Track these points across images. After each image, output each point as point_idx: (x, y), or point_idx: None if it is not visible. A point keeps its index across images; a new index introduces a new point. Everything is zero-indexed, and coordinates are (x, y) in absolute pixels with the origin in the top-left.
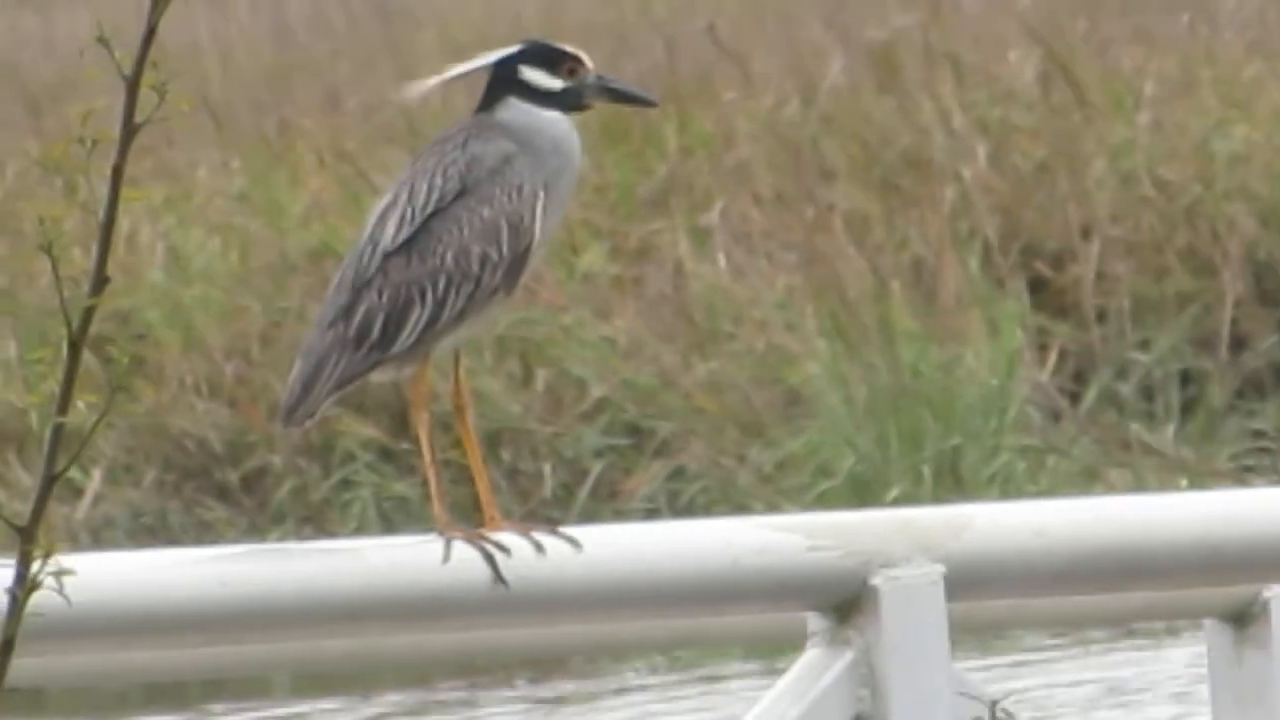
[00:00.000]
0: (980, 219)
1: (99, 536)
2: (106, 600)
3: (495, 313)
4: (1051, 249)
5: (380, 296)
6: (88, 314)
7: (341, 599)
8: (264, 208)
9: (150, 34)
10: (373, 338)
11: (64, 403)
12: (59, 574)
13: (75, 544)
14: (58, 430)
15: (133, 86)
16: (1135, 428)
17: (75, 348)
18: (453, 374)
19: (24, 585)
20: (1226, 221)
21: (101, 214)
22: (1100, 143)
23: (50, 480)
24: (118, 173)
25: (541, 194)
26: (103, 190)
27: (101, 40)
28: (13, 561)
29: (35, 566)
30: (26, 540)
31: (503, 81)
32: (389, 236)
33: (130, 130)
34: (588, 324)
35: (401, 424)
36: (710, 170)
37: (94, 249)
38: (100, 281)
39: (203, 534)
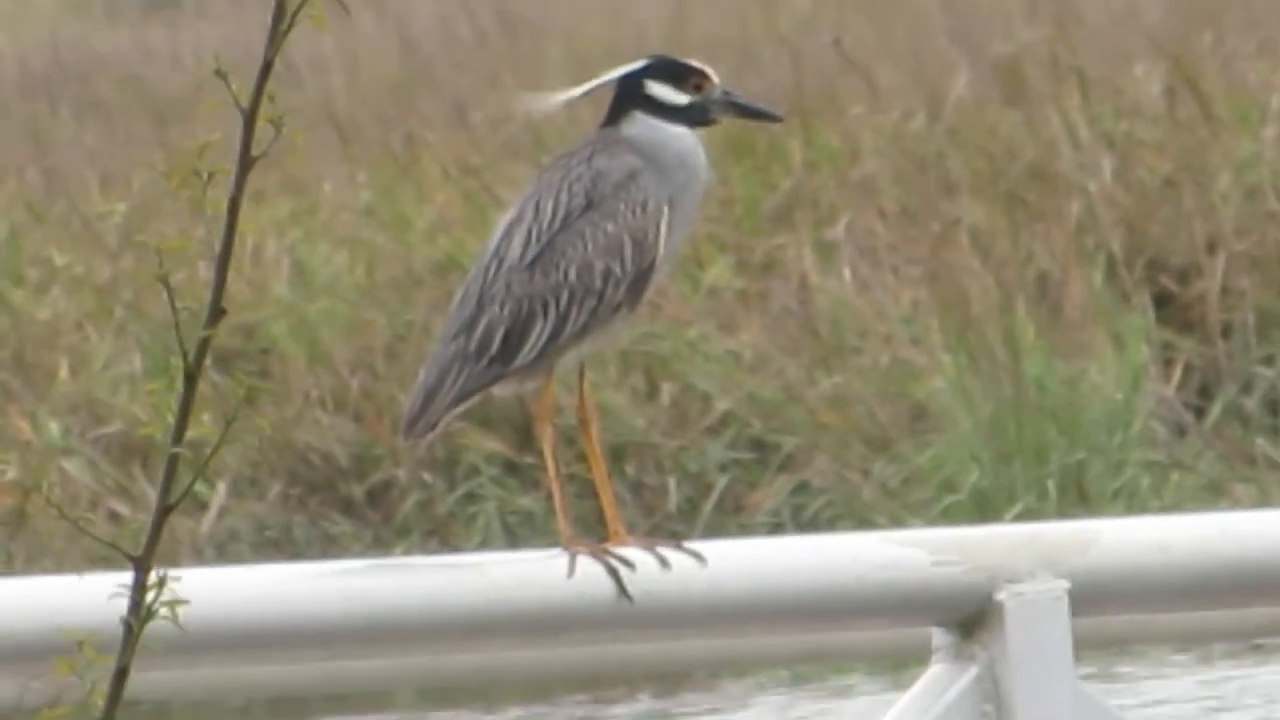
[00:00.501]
0: (1105, 233)
1: (224, 550)
2: (231, 615)
3: (619, 328)
4: (1177, 263)
5: (503, 310)
6: (203, 345)
7: (466, 613)
8: (390, 221)
9: (267, 67)
10: (494, 351)
11: (179, 434)
12: (173, 604)
13: (200, 558)
14: (173, 461)
15: (250, 120)
16: (1260, 443)
17: (191, 379)
18: (578, 388)
19: (138, 614)
20: None
21: (218, 246)
22: (1226, 157)
23: (165, 511)
24: (235, 205)
25: (666, 209)
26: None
27: (219, 73)
28: (125, 586)
29: (150, 596)
30: (141, 569)
31: (629, 96)
32: (515, 253)
33: (247, 164)
34: (713, 338)
35: (526, 438)
36: (835, 184)
37: (213, 277)
38: (216, 314)
39: (328, 548)
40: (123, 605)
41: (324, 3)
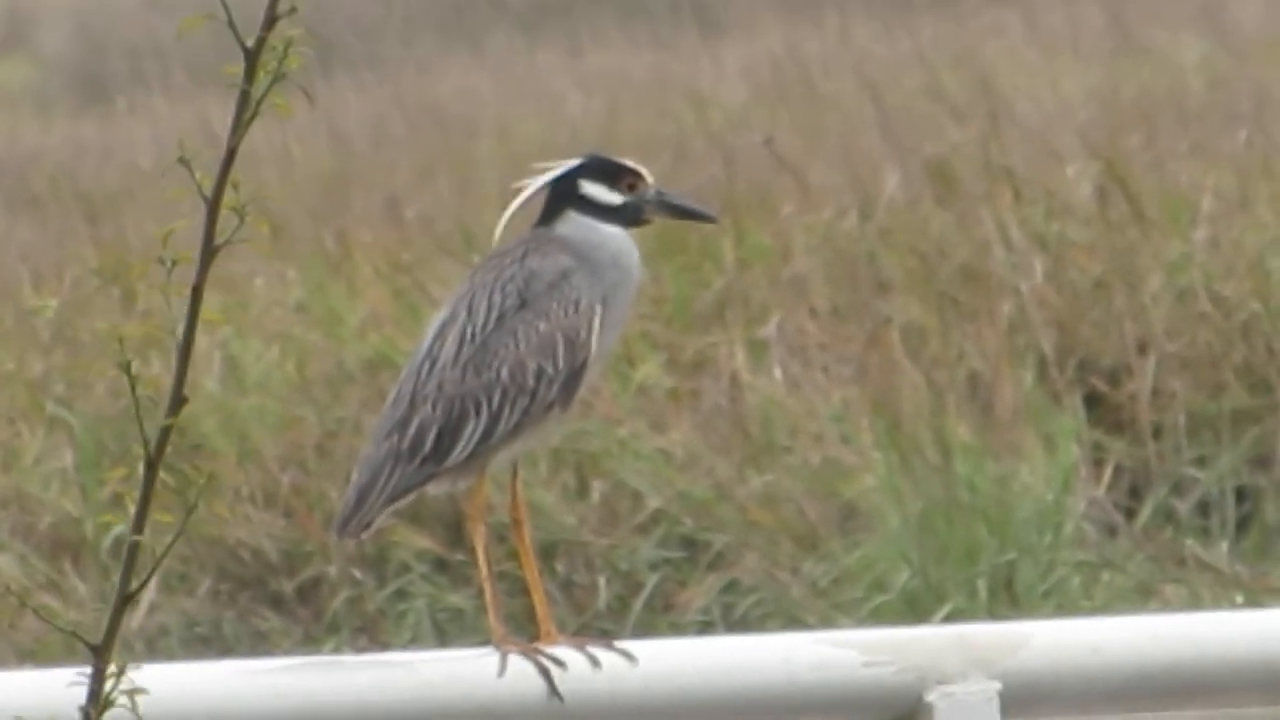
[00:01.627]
0: (1036, 333)
1: (153, 645)
2: (163, 712)
3: (553, 427)
4: (1108, 364)
5: (435, 410)
6: (165, 434)
7: (397, 712)
8: (321, 318)
9: (231, 155)
10: (426, 450)
11: (139, 522)
12: (133, 692)
13: (130, 653)
14: (133, 549)
15: (213, 208)
16: (1190, 544)
17: (152, 467)
18: (510, 487)
19: (97, 703)
20: None
21: (180, 332)
22: (1157, 258)
23: (125, 599)
24: (197, 293)
25: (599, 308)
26: (180, 308)
27: (183, 161)
28: (84, 674)
29: (109, 685)
30: (100, 658)
31: (563, 195)
32: (449, 352)
33: (210, 251)
34: (643, 436)
35: (457, 535)
36: (767, 283)
37: (173, 365)
38: (178, 402)
39: (257, 644)
40: (80, 694)
41: (283, 90)
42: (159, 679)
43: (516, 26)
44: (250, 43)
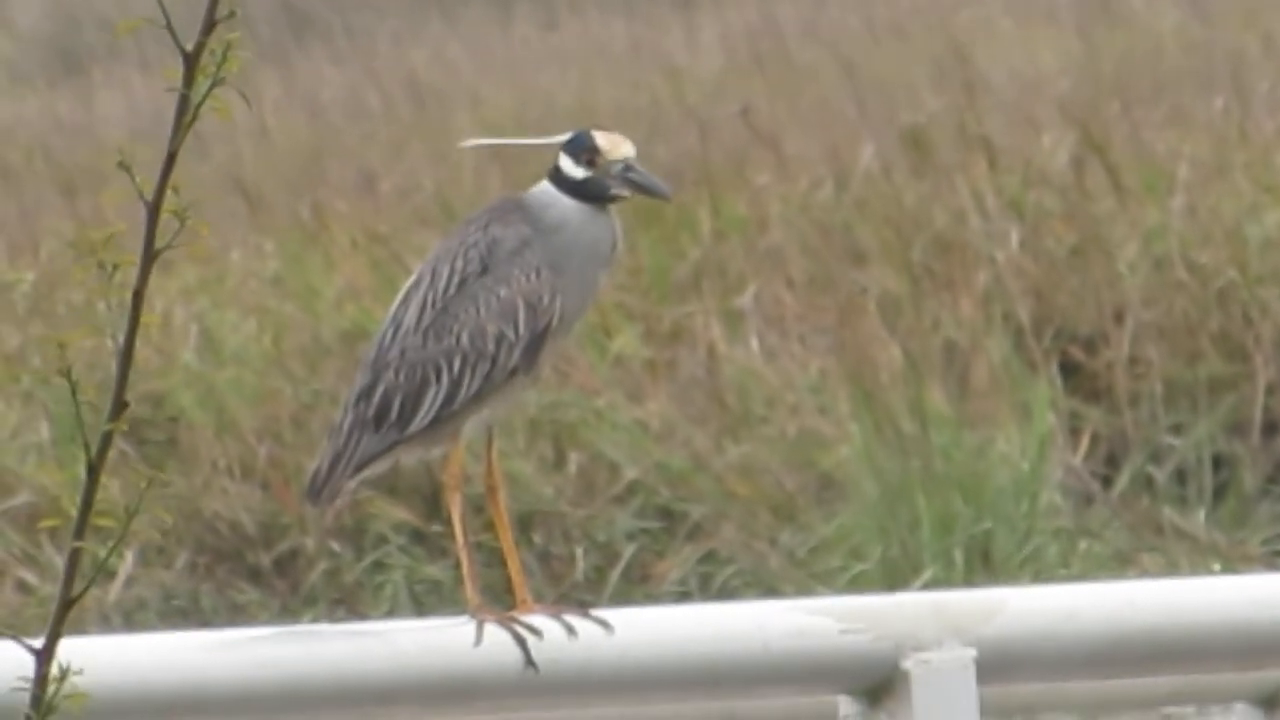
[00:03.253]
0: (1013, 302)
1: (131, 619)
2: (140, 682)
3: (518, 394)
4: (1084, 333)
5: (398, 376)
6: (106, 439)
7: (373, 681)
8: (297, 290)
9: (170, 159)
10: (391, 418)
11: (81, 527)
12: (74, 697)
13: (107, 625)
14: (74, 555)
15: (153, 212)
16: (1168, 512)
17: (94, 471)
18: (485, 456)
19: (39, 709)
20: (1260, 306)
21: (121, 339)
22: (1133, 226)
23: (67, 605)
24: (138, 298)
25: (558, 276)
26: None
27: (123, 165)
28: (26, 680)
29: (50, 690)
30: (43, 662)
31: (553, 166)
32: (411, 318)
33: (150, 256)
34: (620, 407)
35: (434, 507)
36: (743, 254)
37: (115, 369)
38: (119, 407)
39: (235, 616)
40: (23, 698)
41: (226, 91)
42: (137, 649)
43: None
44: (189, 47)
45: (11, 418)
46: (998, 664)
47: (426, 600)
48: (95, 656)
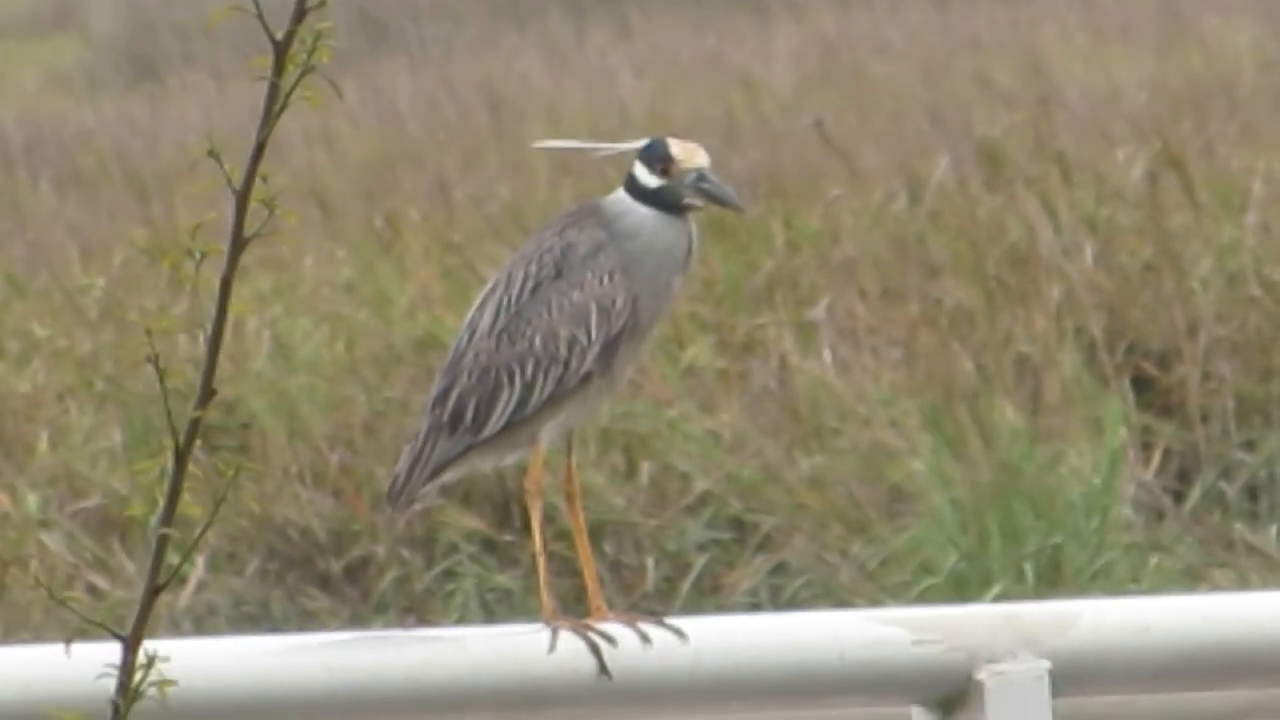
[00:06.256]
0: (1086, 317)
1: (201, 624)
2: (214, 686)
3: (595, 401)
4: (1157, 348)
5: (471, 380)
6: (194, 427)
7: (446, 687)
8: (370, 298)
9: (260, 149)
10: (465, 422)
11: (168, 515)
12: (161, 684)
13: (178, 631)
14: (162, 542)
15: (242, 201)
16: (1239, 528)
17: (181, 459)
18: (565, 463)
19: (126, 695)
20: None
21: (209, 327)
22: (1207, 242)
23: (154, 591)
24: (226, 285)
25: (632, 281)
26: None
27: (212, 154)
28: (114, 665)
29: (138, 676)
30: (129, 650)
31: (629, 173)
32: (486, 323)
33: (239, 244)
34: (692, 418)
35: (505, 515)
36: (816, 266)
37: (203, 353)
38: (207, 395)
39: (305, 623)
40: (109, 685)
41: (315, 81)
42: (209, 653)
43: (566, 7)
44: (280, 36)
45: (84, 422)
46: (1071, 676)
47: (497, 609)
48: (170, 659)
